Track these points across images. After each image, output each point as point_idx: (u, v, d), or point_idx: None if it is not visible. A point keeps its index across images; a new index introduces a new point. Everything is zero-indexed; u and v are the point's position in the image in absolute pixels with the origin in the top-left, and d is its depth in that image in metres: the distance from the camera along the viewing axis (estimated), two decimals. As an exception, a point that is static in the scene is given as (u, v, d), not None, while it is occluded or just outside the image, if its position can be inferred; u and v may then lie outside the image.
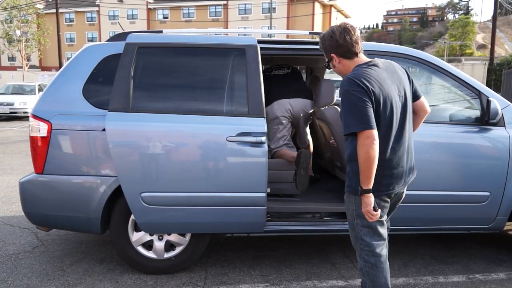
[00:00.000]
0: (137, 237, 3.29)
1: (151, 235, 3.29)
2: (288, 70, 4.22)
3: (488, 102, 3.28)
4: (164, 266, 3.34)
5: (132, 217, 3.22)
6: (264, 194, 3.12)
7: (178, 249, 3.35)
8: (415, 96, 2.42)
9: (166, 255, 3.33)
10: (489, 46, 25.28)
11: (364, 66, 2.24)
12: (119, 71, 3.12)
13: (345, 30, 2.28)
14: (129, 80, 3.10)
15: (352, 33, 2.27)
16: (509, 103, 3.52)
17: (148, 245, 3.33)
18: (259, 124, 3.09)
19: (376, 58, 2.32)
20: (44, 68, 50.25)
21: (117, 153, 3.01)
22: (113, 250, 3.69)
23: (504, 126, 3.40)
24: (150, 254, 3.32)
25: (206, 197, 3.10)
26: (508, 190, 3.38)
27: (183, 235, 3.32)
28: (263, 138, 3.07)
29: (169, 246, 3.35)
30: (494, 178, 3.37)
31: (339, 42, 2.27)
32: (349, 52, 2.28)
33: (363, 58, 2.32)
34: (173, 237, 3.32)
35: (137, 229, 3.28)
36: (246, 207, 3.14)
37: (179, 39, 3.30)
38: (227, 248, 3.88)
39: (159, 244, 3.31)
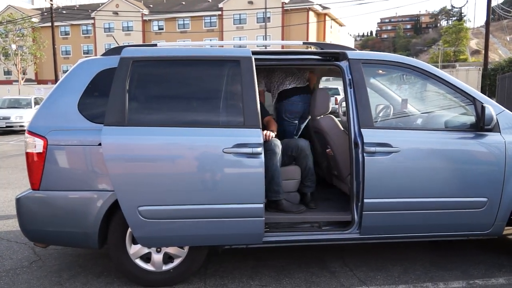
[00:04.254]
0: (135, 250, 3.27)
1: (149, 247, 3.28)
2: None
3: (483, 108, 3.30)
4: (162, 279, 3.32)
5: (129, 230, 3.21)
6: (262, 205, 3.11)
7: (176, 261, 3.33)
8: None
9: (165, 268, 3.32)
10: (483, 52, 25.46)
11: None
12: (114, 85, 3.12)
13: None
14: (124, 94, 3.10)
15: None
16: (503, 108, 3.54)
17: (146, 258, 3.32)
18: (255, 135, 3.10)
19: None
20: (40, 81, 50.27)
21: (113, 167, 3.00)
22: (111, 264, 3.66)
23: (499, 132, 3.42)
24: (148, 266, 3.31)
25: (204, 209, 3.09)
26: (505, 195, 3.39)
27: (181, 247, 3.31)
28: (260, 149, 3.07)
29: (168, 258, 3.33)
30: (491, 184, 3.38)
31: None
32: None
33: None
34: (172, 249, 3.30)
35: (134, 241, 3.26)
36: (244, 218, 3.13)
37: (174, 52, 3.31)
38: (226, 258, 3.86)
39: (157, 257, 3.29)
